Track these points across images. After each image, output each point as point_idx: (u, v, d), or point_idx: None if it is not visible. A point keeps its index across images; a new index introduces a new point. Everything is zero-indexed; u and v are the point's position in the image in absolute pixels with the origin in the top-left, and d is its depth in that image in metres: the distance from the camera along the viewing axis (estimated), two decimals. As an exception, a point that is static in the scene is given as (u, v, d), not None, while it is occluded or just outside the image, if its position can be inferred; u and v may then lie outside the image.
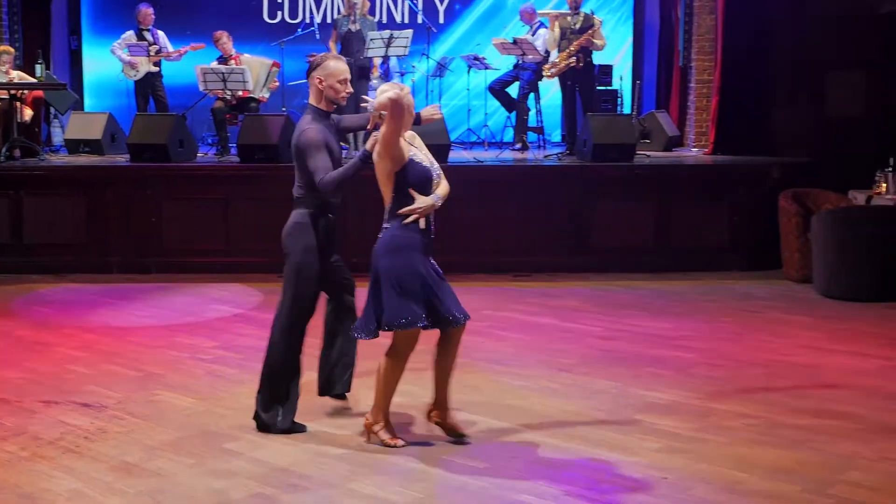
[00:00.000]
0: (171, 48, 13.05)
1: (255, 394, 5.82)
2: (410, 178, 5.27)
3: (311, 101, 5.66)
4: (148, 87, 12.98)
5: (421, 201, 5.26)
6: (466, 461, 5.25)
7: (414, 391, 5.60)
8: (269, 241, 10.37)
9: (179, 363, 7.18)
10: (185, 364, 7.15)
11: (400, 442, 5.46)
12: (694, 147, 13.11)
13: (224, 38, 12.48)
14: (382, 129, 5.23)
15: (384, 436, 5.47)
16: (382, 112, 5.22)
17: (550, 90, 14.01)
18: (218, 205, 10.59)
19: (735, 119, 12.09)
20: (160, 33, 13.06)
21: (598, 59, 12.40)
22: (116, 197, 10.57)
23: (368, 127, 5.48)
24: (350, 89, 5.67)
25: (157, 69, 12.97)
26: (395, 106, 5.18)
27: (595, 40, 11.93)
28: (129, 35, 12.97)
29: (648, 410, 6.08)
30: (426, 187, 5.32)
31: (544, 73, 12.35)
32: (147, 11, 12.95)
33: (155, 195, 10.57)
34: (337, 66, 5.58)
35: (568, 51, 11.84)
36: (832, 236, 9.37)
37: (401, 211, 5.26)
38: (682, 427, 5.78)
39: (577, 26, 11.89)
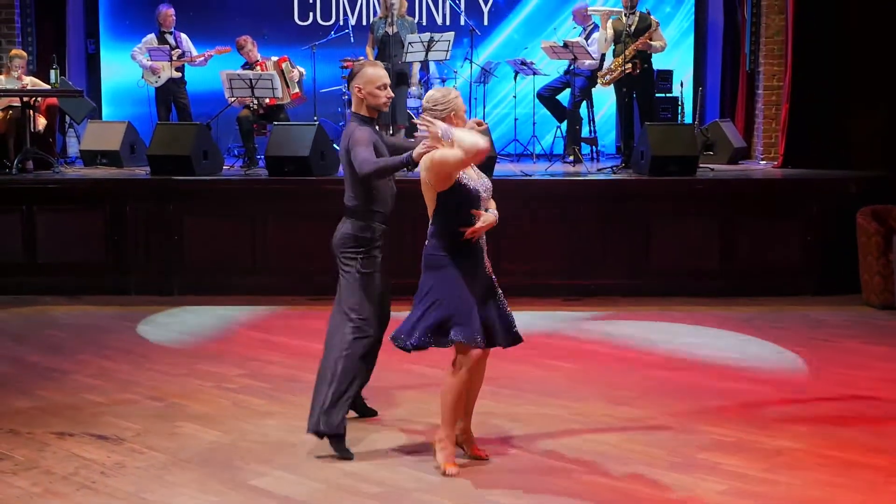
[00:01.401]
0: (194, 52, 13.18)
1: (283, 426, 5.83)
2: (455, 200, 5.45)
3: (354, 108, 6.05)
4: (170, 95, 13.11)
5: (483, 220, 5.45)
6: (512, 501, 5.24)
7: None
8: (300, 260, 10.53)
9: (203, 392, 7.21)
10: (209, 393, 7.19)
11: (453, 470, 5.56)
12: (762, 159, 13.03)
13: (249, 44, 12.58)
14: (449, 154, 5.32)
15: (440, 456, 5.62)
16: (445, 140, 5.33)
17: (605, 98, 14.00)
18: (245, 221, 10.66)
19: (807, 128, 12.00)
20: (183, 36, 13.19)
21: (656, 63, 12.38)
22: (136, 212, 10.67)
23: (425, 144, 5.49)
24: (391, 93, 5.99)
25: (179, 75, 13.10)
26: (479, 154, 5.28)
27: (653, 42, 11.90)
28: (150, 38, 13.10)
29: (713, 448, 6.04)
30: (473, 206, 5.47)
31: (599, 81, 12.34)
32: (168, 13, 13.08)
33: (177, 211, 10.65)
34: (375, 72, 5.94)
35: (623, 55, 11.82)
36: (916, 258, 9.28)
37: (466, 231, 5.42)
38: (749, 467, 5.73)
39: (633, 27, 11.87)
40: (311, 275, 10.45)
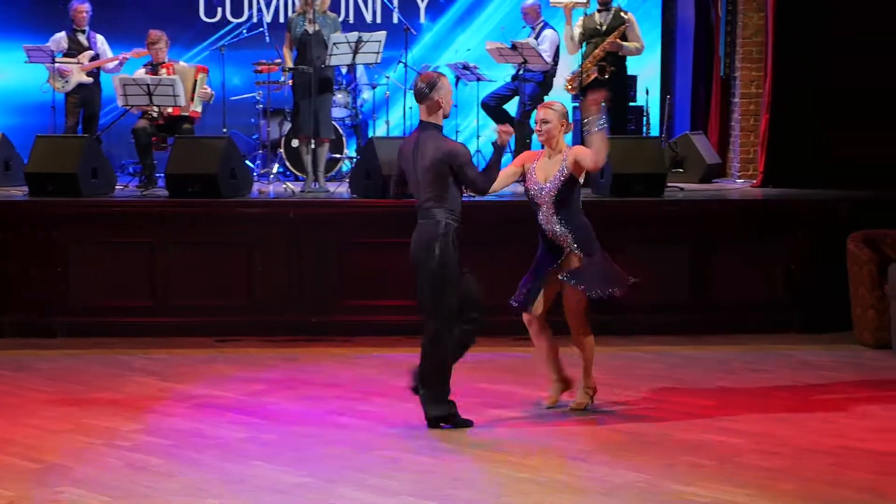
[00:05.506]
0: (110, 55, 13.07)
1: (187, 489, 5.82)
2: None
3: (432, 119, 7.43)
4: (81, 102, 12.93)
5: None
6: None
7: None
8: (206, 295, 10.45)
9: (90, 451, 7.11)
10: (97, 453, 7.08)
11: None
12: (739, 177, 13.16)
13: (162, 41, 12.46)
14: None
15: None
16: None
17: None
18: (142, 250, 10.57)
19: (791, 142, 12.14)
20: (99, 37, 13.11)
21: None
22: (12, 241, 10.54)
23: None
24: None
25: (91, 80, 12.95)
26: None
27: (627, 43, 11.99)
28: (60, 37, 12.98)
29: (685, 510, 6.05)
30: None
31: (566, 88, 12.40)
32: (81, 8, 12.97)
33: (61, 238, 10.54)
34: (449, 82, 7.50)
35: (592, 56, 11.89)
36: (914, 290, 9.40)
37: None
38: (727, 532, 5.76)
39: (605, 26, 11.96)
40: (218, 313, 10.39)
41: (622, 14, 12.14)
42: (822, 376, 9.10)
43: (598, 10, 12.10)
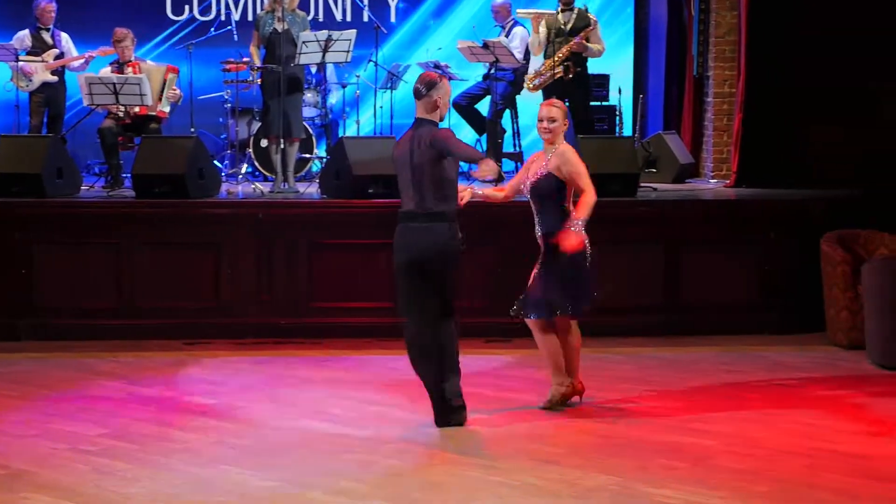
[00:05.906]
0: (75, 53, 13.01)
1: (152, 494, 5.85)
2: None
3: (428, 116, 7.60)
4: (46, 102, 12.87)
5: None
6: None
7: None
8: (174, 297, 10.42)
9: (56, 457, 7.08)
10: (63, 458, 7.06)
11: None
12: (712, 177, 13.19)
13: (129, 39, 12.43)
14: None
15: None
16: None
17: (531, 106, 14.08)
18: (108, 251, 10.54)
19: (764, 142, 12.17)
20: (64, 35, 13.02)
21: (592, 67, 12.49)
22: (-25, 242, 10.51)
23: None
24: None
25: (56, 79, 12.89)
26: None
27: (590, 45, 12.03)
28: (24, 35, 12.92)
29: (658, 513, 6.07)
30: None
31: (526, 86, 12.42)
32: (47, 7, 12.88)
33: (25, 240, 10.50)
34: (449, 85, 7.79)
35: (555, 57, 11.93)
36: (890, 290, 9.43)
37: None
38: (700, 534, 5.78)
39: (569, 26, 12.00)
40: (186, 315, 10.36)
41: (587, 15, 12.20)
42: (795, 377, 9.14)
43: (561, 10, 12.15)
